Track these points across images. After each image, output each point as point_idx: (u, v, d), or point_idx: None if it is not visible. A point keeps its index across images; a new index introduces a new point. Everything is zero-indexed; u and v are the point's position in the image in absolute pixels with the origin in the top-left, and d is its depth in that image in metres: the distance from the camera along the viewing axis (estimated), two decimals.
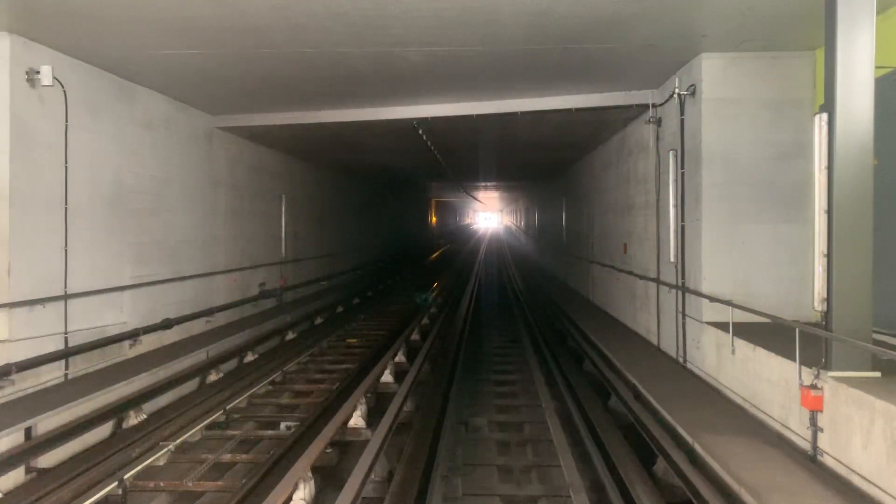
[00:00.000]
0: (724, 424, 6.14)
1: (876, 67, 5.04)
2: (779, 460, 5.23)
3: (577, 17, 6.61)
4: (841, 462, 4.87)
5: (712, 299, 7.57)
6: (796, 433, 5.54)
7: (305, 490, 5.42)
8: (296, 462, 5.73)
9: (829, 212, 5.13)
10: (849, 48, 5.00)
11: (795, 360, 5.47)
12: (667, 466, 5.92)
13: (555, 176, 23.39)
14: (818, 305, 5.25)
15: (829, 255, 5.13)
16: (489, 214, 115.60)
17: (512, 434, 7.53)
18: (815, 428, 5.19)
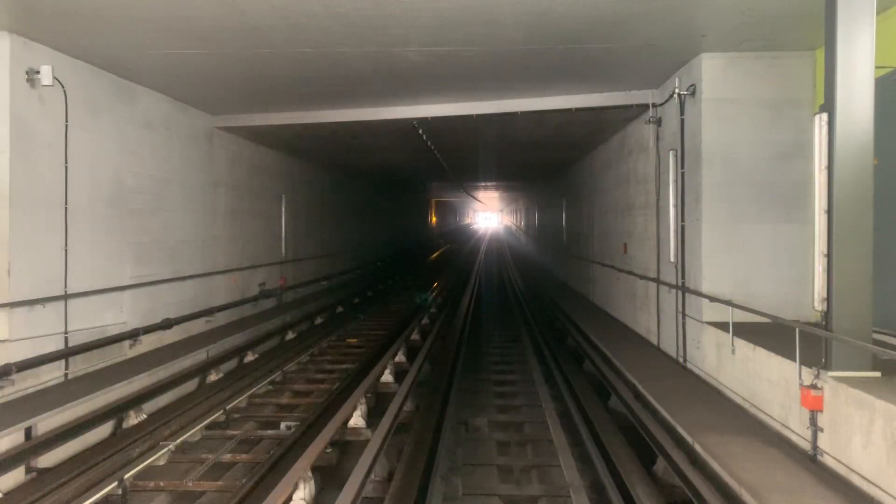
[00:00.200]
0: (723, 424, 6.14)
1: (876, 67, 5.05)
2: (779, 460, 5.23)
3: (577, 17, 6.61)
4: (841, 462, 4.87)
5: (712, 299, 7.58)
6: (796, 433, 5.55)
7: (305, 490, 5.43)
8: (296, 462, 5.73)
9: (829, 212, 5.13)
10: (849, 48, 5.01)
11: (795, 360, 5.47)
12: (667, 466, 5.92)
13: (555, 176, 23.39)
14: (818, 305, 5.26)
15: (829, 255, 5.14)
16: (489, 214, 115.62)
17: (512, 434, 7.53)
18: (815, 428, 5.19)
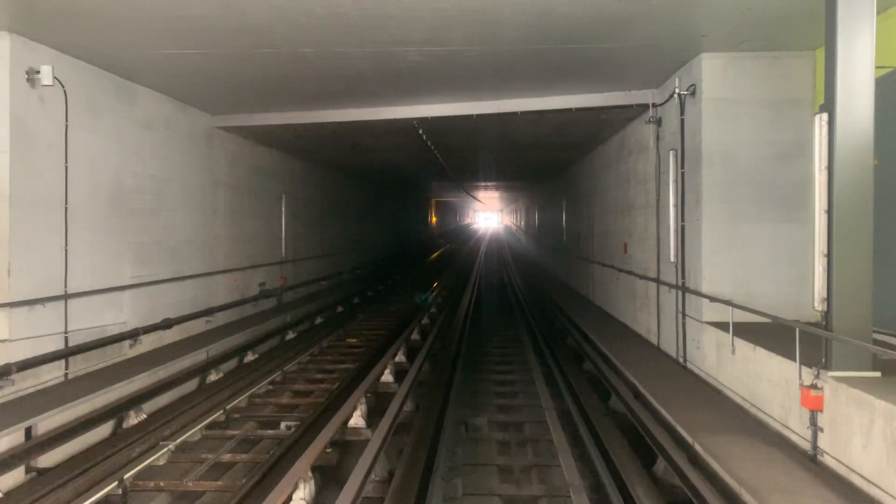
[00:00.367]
0: (723, 424, 6.14)
1: (876, 67, 5.05)
2: (779, 460, 5.23)
3: (577, 17, 6.61)
4: (841, 462, 4.87)
5: (712, 299, 7.57)
6: (796, 433, 5.55)
7: (305, 490, 5.42)
8: (296, 462, 5.73)
9: (829, 212, 5.13)
10: (849, 48, 5.01)
11: (795, 360, 5.47)
12: (667, 466, 5.92)
13: (555, 176, 23.39)
14: (818, 305, 5.26)
15: (829, 255, 5.14)
16: (489, 214, 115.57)
17: (512, 434, 7.53)
18: (815, 428, 5.19)
